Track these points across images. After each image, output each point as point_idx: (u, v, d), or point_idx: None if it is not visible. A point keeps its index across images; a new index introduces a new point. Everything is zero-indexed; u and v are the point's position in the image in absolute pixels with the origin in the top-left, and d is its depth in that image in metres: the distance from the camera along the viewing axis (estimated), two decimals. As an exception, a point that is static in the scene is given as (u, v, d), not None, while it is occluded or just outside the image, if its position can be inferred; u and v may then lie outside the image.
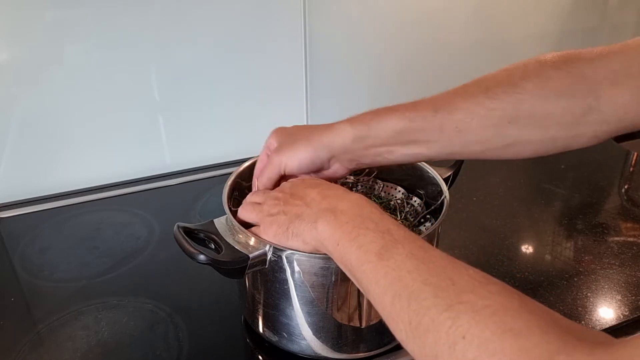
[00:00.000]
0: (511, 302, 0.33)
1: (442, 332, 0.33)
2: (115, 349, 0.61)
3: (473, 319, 0.32)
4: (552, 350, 0.29)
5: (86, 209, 0.89)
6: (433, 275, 0.36)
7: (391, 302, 0.37)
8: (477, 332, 0.31)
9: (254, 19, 0.95)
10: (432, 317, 0.34)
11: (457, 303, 0.33)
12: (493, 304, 0.32)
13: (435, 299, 0.35)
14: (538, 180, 1.00)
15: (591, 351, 0.28)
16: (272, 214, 0.51)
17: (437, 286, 0.35)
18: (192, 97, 0.97)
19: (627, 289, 0.71)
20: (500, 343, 0.30)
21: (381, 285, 0.39)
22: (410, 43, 1.11)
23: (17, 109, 0.86)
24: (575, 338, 0.29)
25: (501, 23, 1.18)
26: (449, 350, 0.32)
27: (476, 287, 0.34)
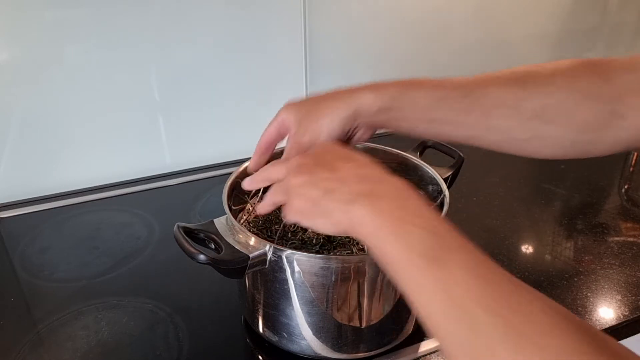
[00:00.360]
0: (585, 346, 0.29)
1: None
2: (115, 349, 0.61)
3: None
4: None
5: (86, 209, 0.89)
6: (499, 304, 0.31)
7: (446, 324, 0.33)
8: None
9: (254, 19, 0.95)
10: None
11: (535, 348, 0.29)
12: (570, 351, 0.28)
13: (506, 338, 0.30)
14: (538, 180, 1.00)
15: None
16: (298, 184, 0.43)
17: (507, 320, 0.30)
18: (192, 97, 0.97)
19: (627, 289, 0.71)
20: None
21: (432, 298, 0.34)
22: (410, 43, 1.11)
23: (17, 109, 0.86)
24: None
25: (501, 23, 1.18)
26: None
27: (553, 326, 0.30)
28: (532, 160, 1.09)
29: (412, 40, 1.10)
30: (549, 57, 1.31)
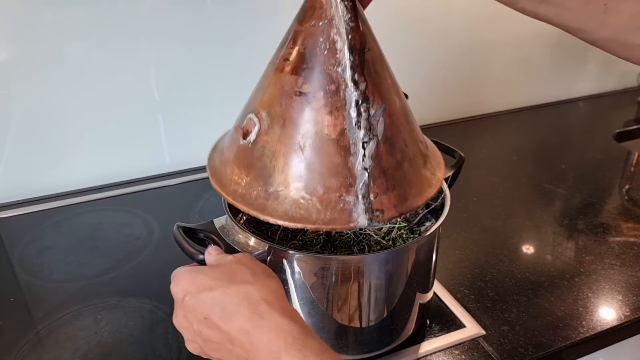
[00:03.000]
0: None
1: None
2: (114, 349, 0.61)
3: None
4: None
5: (85, 209, 0.89)
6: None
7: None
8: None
9: (254, 19, 0.95)
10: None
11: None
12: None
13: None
14: (539, 180, 0.99)
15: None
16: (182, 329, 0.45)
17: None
18: (192, 97, 0.97)
19: (628, 289, 0.71)
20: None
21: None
22: (410, 43, 1.11)
23: (16, 108, 0.86)
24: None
25: (501, 23, 1.18)
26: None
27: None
28: (533, 160, 1.10)
29: (412, 40, 1.10)
30: (549, 57, 1.31)
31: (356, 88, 0.47)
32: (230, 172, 0.51)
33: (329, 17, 0.47)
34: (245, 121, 0.51)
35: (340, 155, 0.47)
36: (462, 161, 0.66)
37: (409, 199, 0.49)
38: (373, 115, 0.47)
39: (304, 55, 0.47)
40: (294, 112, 0.47)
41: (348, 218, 0.47)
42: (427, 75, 1.17)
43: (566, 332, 0.63)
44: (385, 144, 0.48)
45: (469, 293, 0.70)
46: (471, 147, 1.10)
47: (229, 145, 0.53)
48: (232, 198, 0.50)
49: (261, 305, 0.40)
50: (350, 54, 0.46)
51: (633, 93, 1.38)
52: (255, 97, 0.51)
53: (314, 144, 0.47)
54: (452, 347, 0.62)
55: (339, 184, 0.47)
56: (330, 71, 0.46)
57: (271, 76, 0.50)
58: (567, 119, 1.30)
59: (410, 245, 0.57)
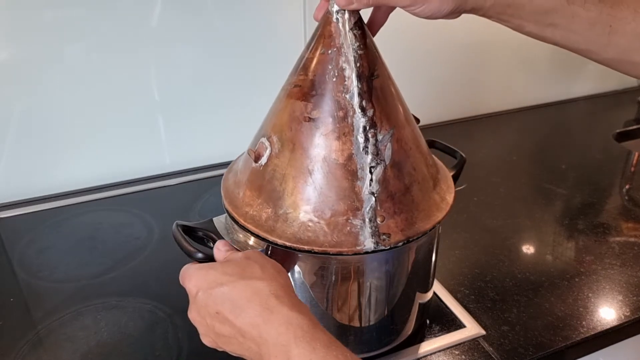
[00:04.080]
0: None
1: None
2: (114, 350, 0.61)
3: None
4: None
5: (86, 209, 0.89)
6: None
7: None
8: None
9: (254, 19, 0.95)
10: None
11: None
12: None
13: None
14: (539, 180, 0.99)
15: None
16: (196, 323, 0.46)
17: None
18: (192, 97, 0.97)
19: (628, 289, 0.70)
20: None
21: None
22: (411, 43, 1.11)
23: (16, 108, 0.86)
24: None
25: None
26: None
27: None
28: (533, 160, 1.10)
29: (412, 41, 1.10)
30: (549, 57, 1.31)
31: (364, 114, 0.48)
32: (243, 194, 0.53)
33: (338, 45, 0.48)
34: (257, 145, 0.52)
35: (348, 179, 0.48)
36: (463, 162, 0.66)
37: (417, 223, 0.50)
38: (380, 141, 0.49)
39: (314, 82, 0.49)
40: (303, 137, 0.49)
41: (355, 241, 0.48)
42: (427, 75, 1.17)
43: (566, 332, 0.63)
44: (392, 169, 0.49)
45: (469, 293, 0.70)
46: (471, 147, 1.10)
47: (243, 168, 0.55)
48: (244, 219, 0.51)
49: (271, 299, 0.40)
50: (358, 81, 0.48)
51: (633, 93, 1.38)
52: (268, 121, 0.53)
53: (322, 168, 0.48)
54: (452, 347, 0.62)
55: (346, 207, 0.48)
56: (339, 98, 0.48)
57: (283, 101, 0.51)
58: (567, 119, 1.30)
59: (410, 245, 0.56)
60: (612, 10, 0.48)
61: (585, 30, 0.49)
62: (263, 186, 0.51)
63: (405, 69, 1.17)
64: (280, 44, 0.98)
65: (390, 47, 1.18)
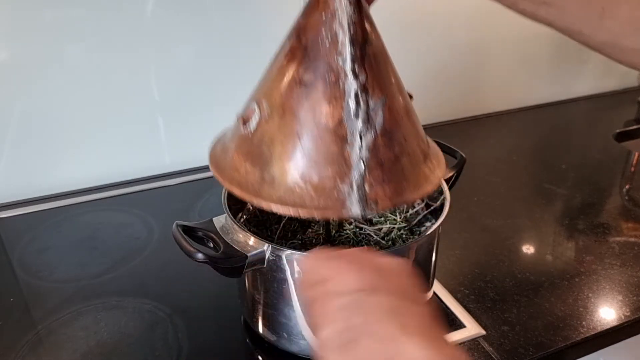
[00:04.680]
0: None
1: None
2: (114, 350, 0.61)
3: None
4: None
5: (86, 209, 0.89)
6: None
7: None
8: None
9: (253, 19, 0.95)
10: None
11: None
12: None
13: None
14: (539, 180, 0.99)
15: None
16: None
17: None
18: (192, 97, 0.97)
19: (628, 289, 0.70)
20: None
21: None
22: (411, 43, 1.11)
23: (17, 108, 0.86)
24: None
25: (501, 23, 1.18)
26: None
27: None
28: (533, 160, 1.10)
29: (412, 41, 1.10)
30: (549, 57, 1.31)
31: (356, 79, 0.47)
32: (230, 159, 0.52)
33: (332, 10, 0.47)
34: (246, 109, 0.51)
35: (337, 144, 0.47)
36: (463, 162, 0.66)
37: (405, 193, 0.49)
38: (372, 108, 0.48)
39: (307, 47, 0.48)
40: (294, 102, 0.48)
41: (341, 206, 0.47)
42: (427, 75, 1.17)
43: (566, 332, 0.63)
44: (383, 137, 0.48)
45: (469, 293, 0.70)
46: (471, 147, 1.10)
47: (232, 135, 0.54)
48: (229, 183, 0.50)
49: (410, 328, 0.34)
50: (352, 46, 0.47)
51: (633, 93, 1.38)
52: (259, 87, 0.52)
53: (312, 132, 0.47)
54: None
55: (334, 172, 0.47)
56: (331, 62, 0.47)
57: (274, 66, 0.51)
58: (567, 119, 1.30)
59: (410, 245, 0.57)
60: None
61: (578, 10, 0.49)
62: (251, 151, 0.50)
63: (405, 69, 1.17)
64: (279, 44, 0.98)
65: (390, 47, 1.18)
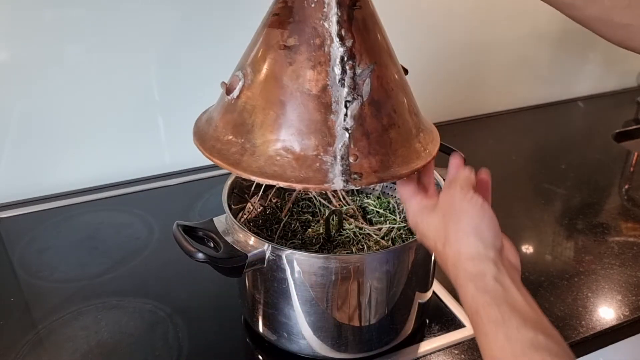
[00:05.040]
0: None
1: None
2: (114, 349, 0.61)
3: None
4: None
5: (86, 209, 0.89)
6: None
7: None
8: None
9: (253, 19, 0.95)
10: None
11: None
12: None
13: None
14: (538, 180, 0.99)
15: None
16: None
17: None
18: (192, 97, 0.97)
19: (627, 289, 0.71)
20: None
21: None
22: (410, 43, 1.11)
23: (16, 108, 0.86)
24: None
25: (501, 23, 1.18)
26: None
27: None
28: (533, 160, 1.10)
29: (412, 40, 1.10)
30: (549, 57, 1.31)
31: (342, 44, 0.45)
32: (214, 129, 0.50)
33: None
34: (231, 78, 0.50)
35: (321, 112, 0.45)
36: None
37: (392, 167, 0.47)
38: (359, 75, 0.45)
39: (292, 9, 0.46)
40: (277, 67, 0.46)
41: (323, 178, 0.45)
42: (426, 75, 1.17)
43: (566, 332, 0.63)
44: (370, 106, 0.46)
45: (468, 293, 0.70)
46: (471, 147, 1.10)
47: (217, 105, 0.52)
48: (209, 153, 0.48)
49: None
50: (338, 7, 0.45)
51: (633, 93, 1.38)
52: (244, 54, 0.50)
53: (294, 99, 0.45)
54: (451, 346, 0.62)
55: (317, 142, 0.45)
56: (317, 25, 0.45)
57: (260, 32, 0.49)
58: (567, 119, 1.30)
59: (410, 244, 0.57)
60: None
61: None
62: (233, 120, 0.48)
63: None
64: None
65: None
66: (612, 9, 0.49)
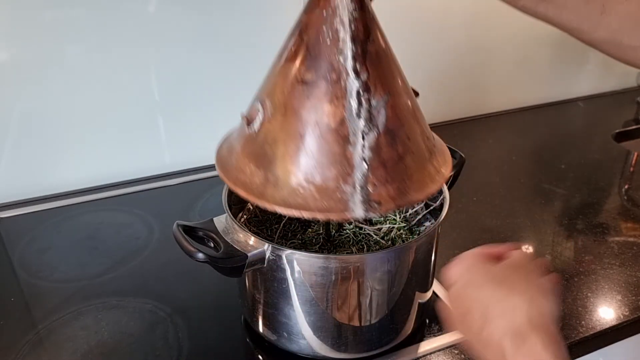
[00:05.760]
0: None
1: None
2: (115, 349, 0.61)
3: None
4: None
5: (86, 209, 0.89)
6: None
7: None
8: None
9: (254, 19, 0.95)
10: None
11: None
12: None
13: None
14: (538, 180, 0.99)
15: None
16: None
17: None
18: (192, 97, 0.97)
19: (627, 289, 0.71)
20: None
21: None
22: (410, 43, 1.11)
23: (17, 108, 0.86)
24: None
25: (501, 23, 1.18)
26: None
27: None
28: (533, 160, 1.10)
29: (411, 41, 1.10)
30: (549, 58, 1.31)
31: (357, 77, 0.47)
32: (236, 160, 0.51)
33: (333, 6, 0.47)
34: (250, 109, 0.51)
35: (339, 144, 0.47)
36: (462, 162, 0.66)
37: (409, 193, 0.49)
38: (374, 106, 0.47)
39: (308, 45, 0.48)
40: (296, 100, 0.48)
41: (344, 207, 0.47)
42: (427, 75, 1.17)
43: (565, 332, 0.63)
44: (386, 136, 0.48)
45: (468, 293, 0.70)
46: (471, 147, 1.10)
47: (237, 135, 0.54)
48: (234, 184, 0.50)
49: (524, 326, 0.39)
50: (353, 43, 0.46)
51: (633, 93, 1.38)
52: (263, 86, 0.52)
53: (314, 132, 0.47)
54: (451, 346, 0.62)
55: (337, 173, 0.47)
56: (333, 60, 0.47)
57: (277, 65, 0.51)
58: (567, 119, 1.30)
59: (410, 244, 0.57)
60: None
61: (579, 7, 0.49)
62: (255, 151, 0.50)
63: (405, 69, 1.17)
64: (279, 43, 0.98)
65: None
66: (620, 32, 0.49)
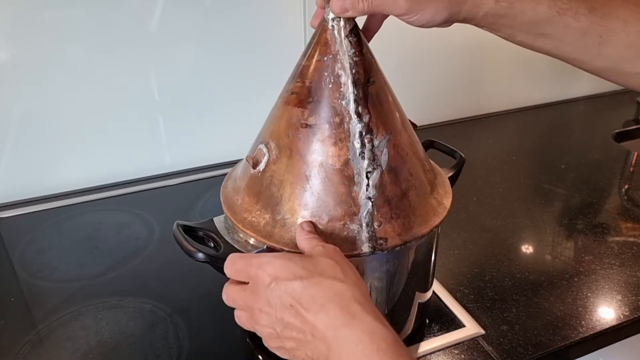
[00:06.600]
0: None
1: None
2: (115, 349, 0.61)
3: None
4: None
5: (86, 209, 0.89)
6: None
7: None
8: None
9: (254, 20, 0.95)
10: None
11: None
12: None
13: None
14: (538, 180, 0.99)
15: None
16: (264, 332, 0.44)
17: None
18: (192, 97, 0.97)
19: (627, 289, 0.71)
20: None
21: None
22: (410, 44, 1.11)
23: (17, 108, 0.86)
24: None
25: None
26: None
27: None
28: (533, 160, 1.10)
29: (411, 41, 1.10)
30: (549, 58, 1.31)
31: (360, 120, 0.48)
32: (242, 200, 0.53)
33: (334, 52, 0.49)
34: (255, 151, 0.53)
35: (345, 185, 0.49)
36: (462, 162, 0.66)
37: (414, 228, 0.51)
38: (377, 146, 0.49)
39: (310, 89, 0.49)
40: (300, 143, 0.49)
41: (352, 246, 0.49)
42: (426, 75, 1.17)
43: (565, 332, 0.63)
44: (389, 174, 0.50)
45: (468, 293, 0.70)
46: (471, 147, 1.10)
47: (241, 175, 0.56)
48: (242, 225, 0.52)
49: (353, 304, 0.40)
50: (354, 87, 0.48)
51: (633, 93, 1.38)
52: (266, 128, 0.54)
53: (319, 173, 0.49)
54: (451, 346, 0.62)
55: (344, 212, 0.49)
56: (335, 104, 0.48)
57: (280, 108, 0.52)
58: (567, 119, 1.30)
59: (410, 244, 0.57)
60: (602, 21, 0.48)
61: (576, 40, 0.49)
62: (261, 192, 0.51)
63: (405, 70, 1.17)
64: (280, 47, 0.98)
65: (390, 48, 1.18)
66: (620, 60, 0.49)
